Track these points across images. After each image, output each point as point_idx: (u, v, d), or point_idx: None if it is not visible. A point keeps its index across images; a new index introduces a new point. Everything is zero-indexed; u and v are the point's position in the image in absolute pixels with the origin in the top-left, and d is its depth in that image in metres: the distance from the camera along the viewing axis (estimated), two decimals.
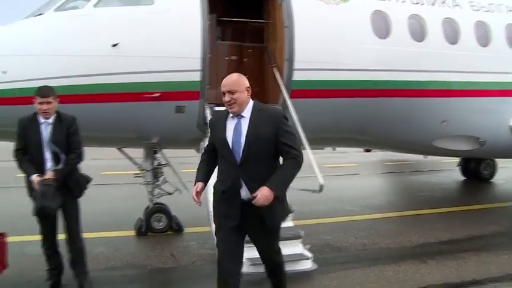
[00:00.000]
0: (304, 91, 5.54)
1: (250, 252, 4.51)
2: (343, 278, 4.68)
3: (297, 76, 5.46)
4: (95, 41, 5.13)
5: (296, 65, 5.42)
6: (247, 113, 3.29)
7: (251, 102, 3.35)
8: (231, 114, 3.32)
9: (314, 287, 4.55)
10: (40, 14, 5.53)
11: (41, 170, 4.07)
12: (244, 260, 4.39)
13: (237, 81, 3.31)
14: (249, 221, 3.37)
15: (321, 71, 5.58)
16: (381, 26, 6.25)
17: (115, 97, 5.06)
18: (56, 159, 4.09)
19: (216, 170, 3.51)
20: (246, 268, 4.40)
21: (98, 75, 4.97)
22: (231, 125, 3.34)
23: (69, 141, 4.17)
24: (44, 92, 4.13)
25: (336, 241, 6.01)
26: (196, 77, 5.15)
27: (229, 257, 3.52)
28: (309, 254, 4.82)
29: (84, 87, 5.06)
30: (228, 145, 3.30)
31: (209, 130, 3.58)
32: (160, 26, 5.21)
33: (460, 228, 6.57)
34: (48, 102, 4.10)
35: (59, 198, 4.00)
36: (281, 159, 3.39)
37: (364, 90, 6.00)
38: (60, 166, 4.07)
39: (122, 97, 5.09)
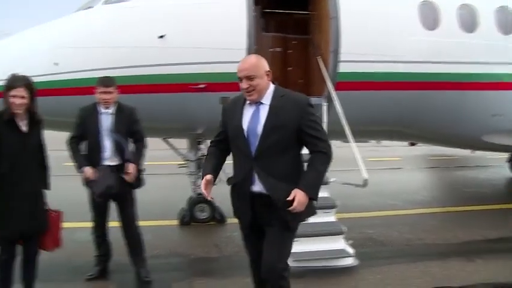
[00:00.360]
0: (350, 83, 5.47)
1: (294, 246, 4.52)
2: (387, 273, 4.61)
3: (343, 68, 5.38)
4: (142, 33, 5.23)
5: (342, 57, 5.34)
6: (267, 99, 2.93)
7: (271, 87, 2.97)
8: (248, 101, 2.98)
9: (357, 281, 4.50)
10: (89, 8, 5.68)
11: (98, 159, 4.20)
12: None
13: (255, 65, 2.90)
14: (264, 217, 3.01)
15: (367, 63, 5.48)
16: (429, 16, 6.07)
17: (161, 88, 5.15)
18: (119, 149, 4.22)
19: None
20: (289, 263, 4.41)
21: (145, 66, 5.06)
22: (248, 112, 2.98)
23: (131, 131, 4.29)
24: (106, 82, 4.22)
25: (378, 235, 5.93)
26: None
27: (255, 260, 3.23)
28: (351, 251, 4.76)
29: (132, 78, 5.17)
30: (244, 134, 2.96)
31: (222, 117, 3.18)
32: (207, 18, 5.25)
33: (508, 227, 6.35)
34: (109, 92, 4.19)
35: (118, 184, 4.17)
36: (305, 150, 3.03)
37: (411, 83, 5.85)
38: (126, 156, 4.23)
39: (169, 88, 5.17)
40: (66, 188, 6.11)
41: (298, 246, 4.50)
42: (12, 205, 3.54)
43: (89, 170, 4.16)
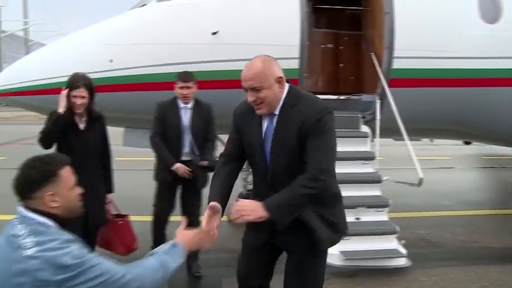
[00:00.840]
0: (404, 80, 5.34)
1: (344, 245, 4.49)
2: (442, 275, 4.50)
3: (397, 64, 5.26)
4: (195, 30, 5.30)
5: (396, 53, 5.22)
6: (277, 110, 2.48)
7: (284, 94, 2.46)
8: None
9: (409, 282, 4.41)
10: (143, 5, 5.80)
11: (178, 154, 4.30)
12: (337, 252, 4.42)
13: (261, 74, 2.38)
14: (284, 240, 2.63)
15: (422, 59, 5.32)
16: (490, 9, 5.83)
17: (214, 84, 5.20)
18: (197, 145, 4.32)
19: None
20: (339, 261, 4.39)
21: (198, 63, 5.13)
22: (265, 124, 2.54)
23: (207, 129, 4.36)
24: (185, 76, 4.28)
25: (431, 236, 5.78)
26: (295, 64, 5.14)
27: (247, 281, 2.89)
28: (404, 251, 4.66)
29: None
30: (261, 153, 2.54)
31: (233, 125, 2.67)
32: (259, 14, 5.26)
33: None
34: (189, 87, 4.25)
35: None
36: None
37: (469, 80, 5.64)
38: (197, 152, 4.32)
39: (221, 85, 5.22)
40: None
41: (350, 244, 4.49)
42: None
43: (181, 166, 4.26)
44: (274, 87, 2.41)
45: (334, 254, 4.43)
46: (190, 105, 4.32)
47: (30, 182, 1.94)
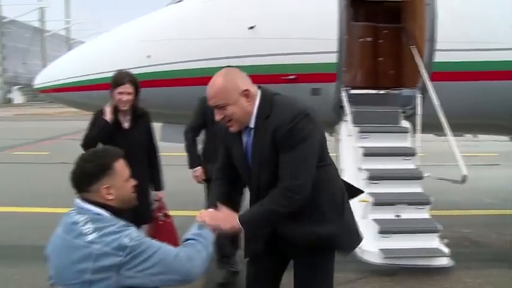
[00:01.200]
0: (446, 73, 5.14)
1: (384, 242, 4.39)
2: (487, 277, 4.33)
3: (439, 57, 5.07)
4: (232, 24, 5.27)
5: (438, 46, 5.04)
6: (252, 123, 2.33)
7: (256, 104, 2.29)
8: None
9: (453, 283, 4.27)
10: (180, 1, 5.81)
11: (215, 151, 4.24)
12: (377, 250, 4.32)
13: (223, 89, 2.23)
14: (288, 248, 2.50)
15: (465, 51, 5.11)
16: None
17: (253, 79, 5.15)
18: None
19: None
20: (378, 259, 4.30)
21: (236, 57, 5.10)
22: (244, 138, 2.41)
23: None
24: None
25: (475, 236, 5.58)
26: (333, 59, 5.04)
27: None
28: (446, 250, 4.48)
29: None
30: (246, 168, 2.42)
31: (222, 138, 2.57)
32: (296, 8, 5.18)
33: None
34: None
35: None
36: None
37: None
38: None
39: (259, 79, 5.15)
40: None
41: (390, 242, 4.40)
42: None
43: (199, 175, 4.28)
44: (240, 102, 2.25)
45: (373, 252, 4.35)
46: None
47: (87, 176, 2.03)
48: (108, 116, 3.66)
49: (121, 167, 2.12)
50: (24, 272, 4.52)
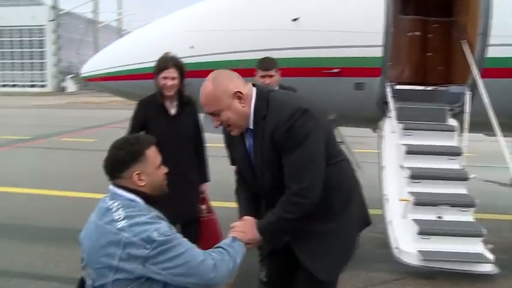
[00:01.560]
0: (499, 70, 4.88)
1: (423, 244, 4.23)
2: None
3: (492, 53, 4.81)
4: (275, 16, 5.20)
5: (491, 40, 4.78)
6: (251, 124, 2.25)
7: (252, 105, 2.20)
8: None
9: None
10: None
11: None
12: (415, 251, 4.16)
13: (212, 95, 2.13)
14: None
15: None
16: None
17: (294, 72, 5.08)
18: None
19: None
20: (416, 261, 4.15)
21: (278, 49, 5.03)
22: (247, 140, 2.33)
23: None
24: (267, 65, 3.98)
25: None
26: (378, 52, 4.88)
27: None
28: (491, 256, 4.23)
29: None
30: (251, 171, 2.35)
31: (225, 143, 2.53)
32: (342, 0, 5.05)
33: None
34: (271, 76, 3.95)
35: None
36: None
37: None
38: None
39: (301, 72, 5.09)
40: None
41: (429, 244, 4.22)
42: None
43: None
44: (233, 106, 2.14)
45: (411, 253, 4.18)
46: None
47: (118, 163, 2.05)
48: None
49: (153, 154, 2.12)
50: (63, 254, 4.67)
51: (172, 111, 3.57)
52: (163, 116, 3.55)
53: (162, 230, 1.93)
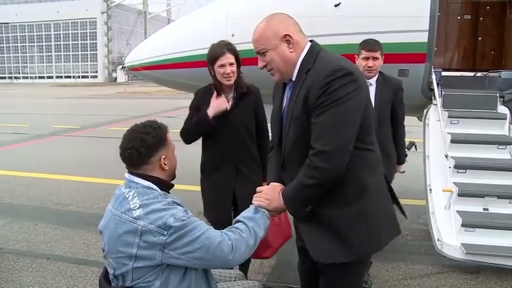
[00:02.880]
0: None
1: (467, 237, 4.05)
2: None
3: None
4: (317, 2, 5.10)
5: None
6: (295, 76, 2.14)
7: (302, 56, 2.10)
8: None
9: None
10: None
11: None
12: (458, 244, 3.99)
13: (263, 33, 2.09)
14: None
15: None
16: None
17: None
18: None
19: None
20: (459, 254, 3.98)
21: (320, 36, 4.92)
22: (286, 94, 2.23)
23: (393, 109, 3.70)
24: (371, 45, 3.64)
25: None
26: (423, 38, 4.67)
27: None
28: None
29: None
30: (279, 127, 2.24)
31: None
32: None
33: None
34: (374, 58, 3.61)
35: None
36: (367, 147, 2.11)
37: None
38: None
39: None
40: None
41: (474, 237, 4.03)
42: (215, 186, 3.31)
43: None
44: (280, 48, 2.07)
45: (454, 246, 4.01)
46: (373, 80, 3.65)
47: (148, 148, 2.02)
48: (211, 111, 3.19)
49: (170, 138, 2.14)
50: (90, 237, 4.84)
51: (229, 104, 3.26)
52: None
53: (178, 215, 1.92)
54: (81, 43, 64.27)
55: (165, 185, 2.09)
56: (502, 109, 4.80)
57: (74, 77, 62.49)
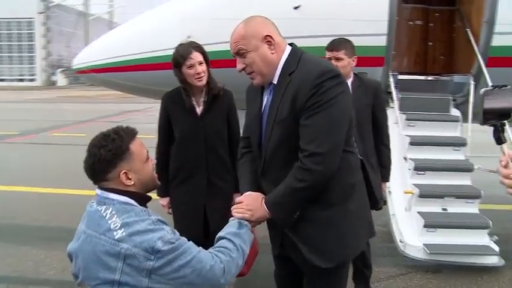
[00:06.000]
0: (505, 59, 4.78)
1: (429, 237, 4.13)
2: None
3: (497, 41, 4.71)
4: (276, 4, 5.05)
5: (497, 28, 4.67)
6: (276, 78, 2.07)
7: (284, 57, 2.04)
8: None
9: (502, 283, 3.99)
10: None
11: None
12: (421, 245, 4.07)
13: (243, 33, 2.01)
14: (291, 252, 2.21)
15: None
16: None
17: None
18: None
19: None
20: (423, 255, 4.06)
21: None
22: (265, 97, 2.14)
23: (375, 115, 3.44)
24: (333, 45, 3.44)
25: None
26: (382, 41, 4.75)
27: None
28: (497, 248, 4.15)
29: None
30: (258, 131, 2.14)
31: (246, 105, 2.32)
32: None
33: None
34: (337, 59, 3.37)
35: None
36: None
37: None
38: None
39: None
40: None
41: (435, 237, 4.14)
42: (184, 199, 3.09)
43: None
44: (261, 49, 1.99)
45: (417, 247, 4.10)
46: (348, 82, 3.24)
47: (102, 164, 1.79)
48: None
49: (138, 147, 1.86)
50: (55, 255, 4.47)
51: (199, 109, 3.07)
52: (189, 116, 3.06)
53: (166, 237, 1.71)
54: (17, 44, 61.30)
55: (142, 198, 1.89)
56: (455, 112, 4.97)
57: (9, 80, 59.50)
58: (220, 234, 1.97)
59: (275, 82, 2.07)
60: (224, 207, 2.99)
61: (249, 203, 2.06)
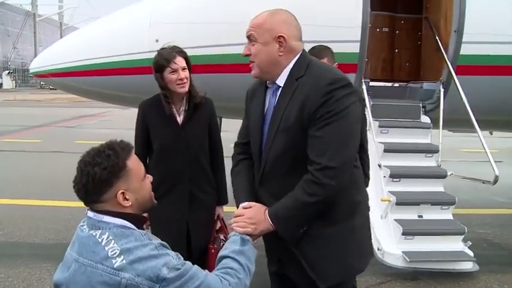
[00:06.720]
0: (474, 67, 4.88)
1: (407, 245, 4.14)
2: None
3: (466, 50, 4.80)
4: (245, 8, 4.95)
5: (466, 37, 4.76)
6: (282, 80, 1.98)
7: (293, 62, 1.97)
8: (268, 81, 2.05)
9: None
10: None
11: None
12: (400, 253, 4.06)
13: (261, 23, 1.96)
14: (289, 269, 2.15)
15: (496, 44, 4.83)
16: None
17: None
18: None
19: None
20: (402, 263, 4.06)
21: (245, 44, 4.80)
22: (268, 99, 2.06)
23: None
24: (314, 51, 3.40)
25: (493, 237, 5.39)
26: (355, 48, 4.74)
27: None
28: (471, 253, 4.21)
29: (233, 56, 4.92)
30: (260, 135, 2.06)
31: (245, 105, 2.25)
32: None
33: None
34: None
35: None
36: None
37: None
38: None
39: None
40: None
41: (413, 244, 4.14)
42: (166, 213, 2.89)
43: None
44: (270, 47, 1.93)
45: (396, 254, 4.09)
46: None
47: (97, 184, 1.61)
48: None
49: (135, 164, 1.69)
50: (16, 273, 4.15)
51: (180, 118, 2.93)
52: (169, 125, 2.91)
53: (171, 263, 1.56)
54: None
55: (139, 220, 1.72)
56: (425, 118, 5.03)
57: None
58: (222, 252, 1.83)
59: (280, 84, 1.98)
60: (206, 221, 3.03)
61: (252, 215, 1.94)
